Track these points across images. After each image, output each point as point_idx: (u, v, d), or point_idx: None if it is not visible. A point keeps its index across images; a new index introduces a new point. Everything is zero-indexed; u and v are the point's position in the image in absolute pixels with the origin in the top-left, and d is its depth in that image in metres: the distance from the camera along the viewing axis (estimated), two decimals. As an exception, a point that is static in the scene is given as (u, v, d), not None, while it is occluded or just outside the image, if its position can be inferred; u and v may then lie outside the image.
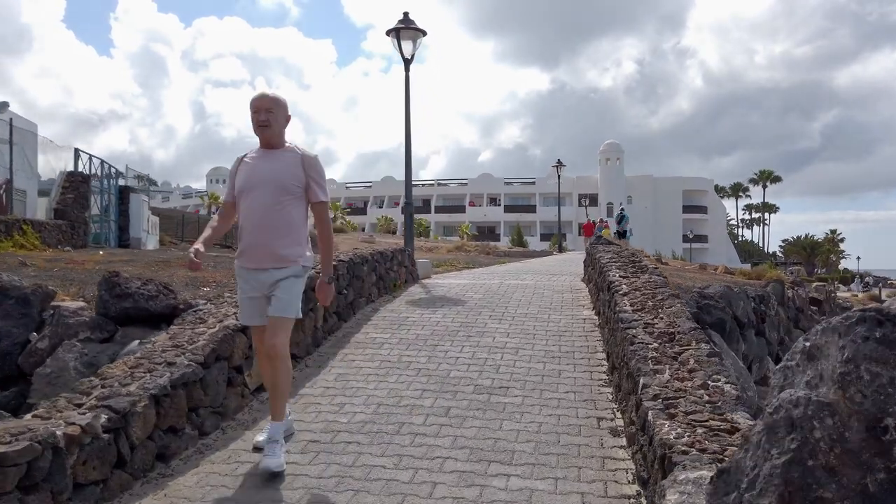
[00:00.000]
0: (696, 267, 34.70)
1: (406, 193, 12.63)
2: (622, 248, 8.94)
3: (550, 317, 7.68)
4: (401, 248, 10.21)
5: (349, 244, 38.89)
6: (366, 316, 7.72)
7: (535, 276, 12.12)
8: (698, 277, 20.23)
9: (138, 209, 28.61)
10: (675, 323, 4.60)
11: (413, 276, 10.83)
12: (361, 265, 8.01)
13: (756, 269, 29.30)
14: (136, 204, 28.63)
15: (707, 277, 22.12)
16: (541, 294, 9.26)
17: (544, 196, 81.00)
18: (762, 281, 28.47)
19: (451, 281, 11.18)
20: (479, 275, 12.84)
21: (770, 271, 28.68)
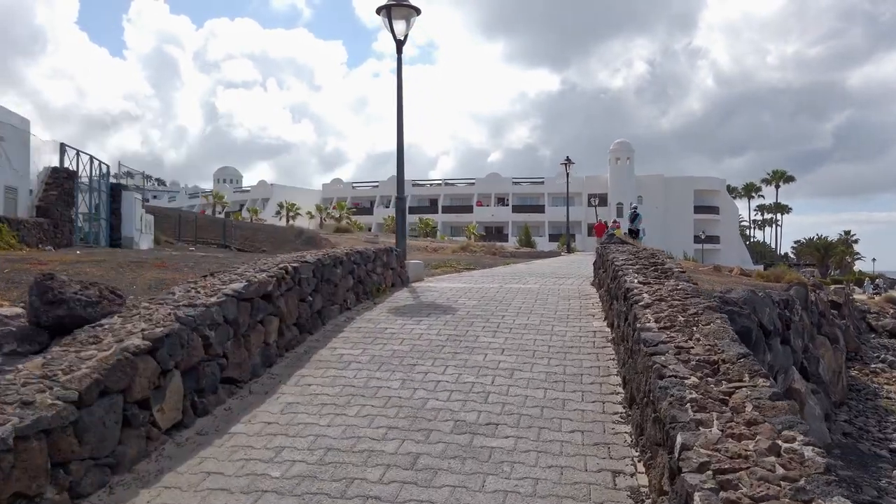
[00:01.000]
0: (711, 268, 33.35)
1: (398, 187, 11.48)
2: (639, 248, 7.76)
3: (554, 329, 6.50)
4: (386, 248, 9.07)
5: (352, 244, 37.88)
6: (337, 327, 6.57)
7: (539, 280, 10.95)
8: (716, 280, 18.99)
9: (130, 208, 27.60)
10: (716, 347, 3.42)
11: (402, 279, 9.68)
12: (333, 267, 6.86)
13: (774, 271, 27.94)
14: (129, 202, 27.62)
15: (725, 280, 20.84)
16: (544, 300, 8.09)
17: (553, 196, 79.67)
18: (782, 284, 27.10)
19: (446, 284, 10.03)
20: (478, 277, 11.67)
21: (789, 273, 27.39)
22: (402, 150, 11.46)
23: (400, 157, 11.45)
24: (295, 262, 5.96)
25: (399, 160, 11.46)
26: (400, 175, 11.46)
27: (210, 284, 4.94)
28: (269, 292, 5.25)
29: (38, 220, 19.55)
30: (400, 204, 11.45)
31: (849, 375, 18.78)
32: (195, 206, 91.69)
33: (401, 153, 11.45)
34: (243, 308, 4.82)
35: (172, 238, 34.17)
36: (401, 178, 11.47)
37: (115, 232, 27.21)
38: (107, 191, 26.89)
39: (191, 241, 34.72)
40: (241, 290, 4.82)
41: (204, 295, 4.61)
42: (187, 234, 36.14)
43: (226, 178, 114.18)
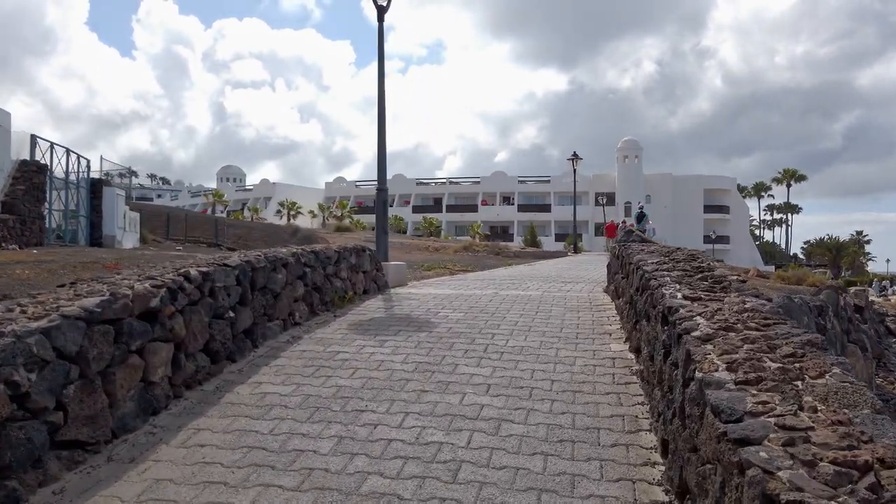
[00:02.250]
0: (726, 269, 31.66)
1: (378, 176, 9.91)
2: (670, 248, 6.18)
3: (559, 354, 4.91)
4: (356, 248, 7.49)
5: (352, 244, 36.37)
6: (273, 350, 5.00)
7: (542, 284, 9.36)
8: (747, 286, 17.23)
9: (112, 204, 26.09)
10: (853, 428, 1.84)
11: (378, 285, 8.12)
12: (272, 272, 5.27)
13: (795, 274, 26.20)
14: (110, 199, 26.10)
15: (752, 284, 19.26)
16: (547, 313, 6.50)
17: (559, 195, 78.07)
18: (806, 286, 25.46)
19: (431, 291, 8.46)
20: (472, 281, 10.10)
21: (811, 276, 25.67)
22: (383, 130, 9.90)
23: (381, 139, 9.89)
24: (205, 267, 4.38)
25: (380, 143, 9.90)
26: (381, 160, 9.89)
27: (48, 300, 3.37)
28: (153, 309, 3.68)
29: (3, 217, 18.04)
30: (381, 196, 9.88)
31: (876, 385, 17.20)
32: (197, 205, 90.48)
33: (382, 135, 9.89)
34: (98, 335, 3.25)
35: (161, 237, 32.71)
36: (382, 164, 9.90)
37: (95, 230, 25.72)
38: (86, 187, 25.40)
39: (180, 240, 33.26)
40: (95, 308, 3.24)
41: (26, 318, 3.05)
42: (177, 233, 34.68)
43: (229, 176, 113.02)
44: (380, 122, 9.86)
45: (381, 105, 9.84)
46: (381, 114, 9.84)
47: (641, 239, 7.89)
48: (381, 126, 9.86)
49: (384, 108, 9.90)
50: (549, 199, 79.52)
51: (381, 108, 9.81)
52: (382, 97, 9.90)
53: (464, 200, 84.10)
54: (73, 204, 24.84)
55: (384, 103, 9.91)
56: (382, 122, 9.87)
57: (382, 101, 9.89)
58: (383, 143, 9.88)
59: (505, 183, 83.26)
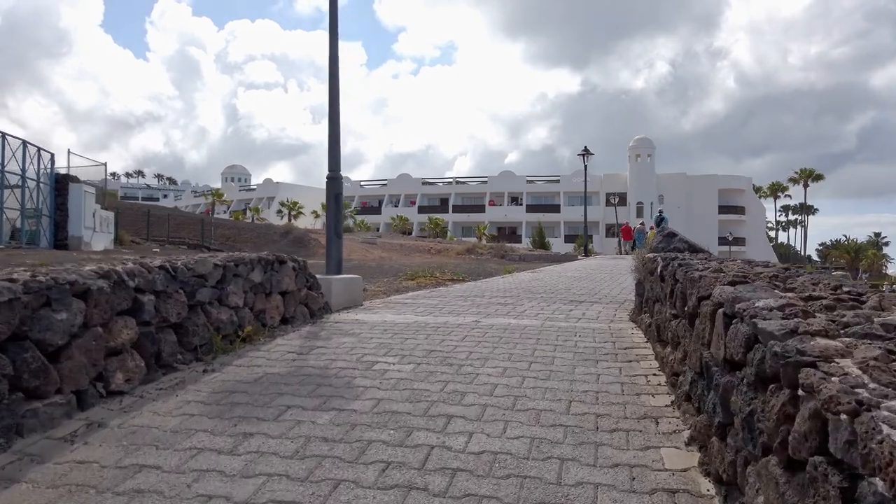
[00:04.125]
0: (750, 275, 29.09)
1: (330, 160, 7.53)
2: (743, 264, 3.80)
3: (563, 477, 2.49)
4: (269, 259, 5.05)
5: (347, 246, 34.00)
6: (17, 464, 2.61)
7: (545, 306, 6.92)
8: None
9: (79, 202, 23.84)
10: None
11: (312, 310, 5.73)
12: (44, 309, 2.87)
13: (832, 280, 23.66)
14: (77, 196, 23.85)
15: None
16: (546, 365, 4.05)
17: (569, 195, 75.56)
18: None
19: (388, 317, 6.03)
20: (454, 299, 7.68)
21: (850, 282, 23.08)
22: (336, 102, 7.53)
23: (333, 111, 7.52)
24: None
25: (332, 118, 7.52)
26: (333, 140, 7.50)
27: None
28: None
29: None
30: (331, 187, 7.50)
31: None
32: (200, 205, 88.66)
33: (335, 107, 7.52)
34: None
35: (141, 237, 30.51)
36: (334, 145, 7.51)
37: (60, 231, 23.54)
38: (50, 183, 23.22)
39: (163, 241, 31.05)
40: None
41: None
42: (160, 233, 32.49)
43: (234, 176, 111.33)
44: (331, 92, 7.49)
45: (334, 72, 7.49)
46: (332, 84, 7.48)
47: (688, 245, 5.33)
48: (332, 97, 7.49)
49: (337, 77, 7.54)
50: (559, 199, 77.02)
51: (334, 75, 7.46)
52: (335, 63, 7.55)
53: (471, 201, 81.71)
54: (38, 203, 22.68)
55: (337, 70, 7.55)
56: (335, 93, 7.50)
57: (335, 67, 7.54)
58: (336, 119, 7.50)
59: (513, 183, 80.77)
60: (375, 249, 35.98)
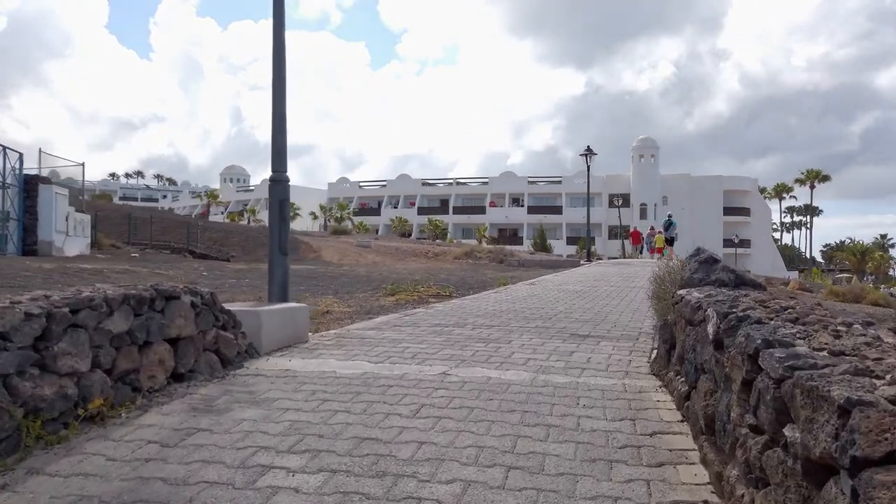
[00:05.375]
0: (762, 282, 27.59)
1: (273, 159, 6.10)
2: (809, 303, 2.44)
3: None
4: (143, 294, 3.58)
5: (330, 253, 32.46)
6: None
7: (537, 343, 5.45)
8: None
9: (50, 205, 22.40)
10: None
11: (224, 358, 4.29)
12: None
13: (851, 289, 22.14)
14: (48, 199, 22.41)
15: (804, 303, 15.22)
16: (533, 475, 2.58)
17: (571, 196, 74.04)
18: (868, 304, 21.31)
19: (330, 367, 4.56)
20: (427, 330, 6.24)
21: (872, 291, 21.55)
22: (282, 92, 6.10)
23: (278, 103, 6.09)
24: None
25: (276, 112, 6.10)
26: (277, 137, 6.07)
27: None
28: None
29: None
30: (274, 192, 6.06)
31: None
32: (197, 206, 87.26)
33: (280, 98, 6.10)
34: None
35: (121, 241, 29.09)
36: (278, 144, 6.07)
37: (29, 235, 22.14)
38: (18, 185, 21.82)
39: (144, 245, 29.63)
40: None
41: None
42: (143, 237, 31.06)
43: (232, 177, 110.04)
44: (275, 76, 6.07)
45: (279, 58, 6.07)
46: (277, 66, 6.06)
47: (735, 276, 3.85)
48: (277, 83, 6.06)
49: (283, 59, 6.12)
50: (561, 200, 75.50)
51: (278, 62, 6.04)
52: (281, 47, 6.13)
53: (471, 202, 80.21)
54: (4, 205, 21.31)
55: (283, 54, 6.13)
56: (280, 82, 6.08)
57: (281, 52, 6.12)
58: (281, 109, 6.07)
59: (514, 183, 79.23)
60: (369, 253, 34.51)
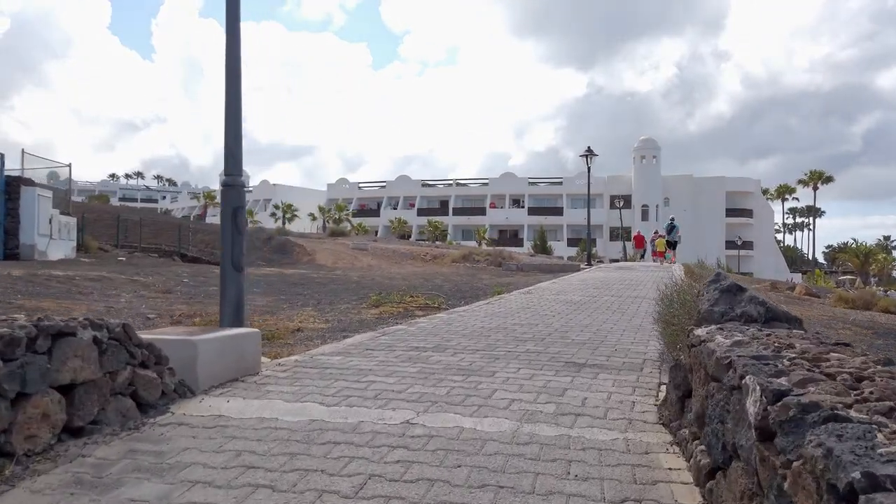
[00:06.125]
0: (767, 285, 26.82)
1: (228, 161, 5.34)
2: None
3: None
4: (14, 334, 2.87)
5: (325, 256, 31.70)
6: None
7: (524, 377, 4.68)
8: (814, 315, 12.85)
9: (33, 208, 21.67)
10: None
11: (150, 398, 3.54)
12: None
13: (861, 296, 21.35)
14: (30, 200, 21.69)
15: (818, 313, 15.22)
16: None
17: (572, 197, 73.29)
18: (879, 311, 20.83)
19: (277, 407, 3.82)
20: (402, 355, 5.49)
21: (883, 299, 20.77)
22: (236, 84, 5.36)
23: (232, 97, 5.35)
24: None
25: (230, 101, 5.36)
26: (231, 136, 5.32)
27: None
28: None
29: None
30: (227, 197, 5.30)
31: None
32: (196, 207, 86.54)
33: (234, 93, 5.36)
34: None
35: (110, 244, 28.37)
36: (232, 142, 5.33)
37: (10, 239, 21.40)
38: (0, 186, 21.12)
39: (133, 248, 28.89)
40: None
41: None
42: (134, 239, 30.34)
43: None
44: (228, 71, 5.32)
45: (232, 45, 5.33)
46: (230, 60, 5.32)
47: (766, 310, 3.20)
48: (230, 77, 5.32)
49: (238, 52, 5.38)
50: (562, 201, 74.74)
51: (233, 57, 5.30)
52: (235, 30, 5.38)
53: (471, 203, 79.46)
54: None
55: (238, 41, 5.39)
56: (234, 73, 5.34)
57: (235, 36, 5.38)
58: (236, 103, 5.32)
59: (514, 184, 78.44)
60: (365, 256, 33.74)
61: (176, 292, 12.24)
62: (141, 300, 10.21)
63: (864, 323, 13.51)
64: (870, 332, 11.91)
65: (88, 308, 8.67)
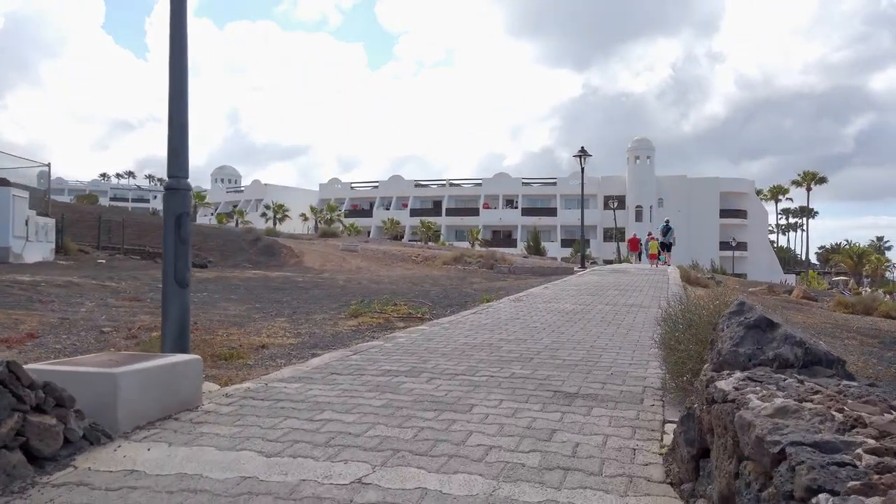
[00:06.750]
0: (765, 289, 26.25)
1: (171, 162, 4.69)
2: None
3: None
4: None
5: (313, 258, 30.97)
6: None
7: (505, 414, 4.03)
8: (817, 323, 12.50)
9: (7, 209, 20.89)
10: None
11: (46, 449, 2.89)
12: None
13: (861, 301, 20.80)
14: (4, 202, 20.91)
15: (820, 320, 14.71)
16: None
17: (566, 198, 72.73)
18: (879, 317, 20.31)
19: (205, 459, 3.15)
20: (370, 381, 4.84)
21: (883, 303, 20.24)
22: (180, 72, 4.71)
23: (176, 83, 4.70)
24: None
25: (175, 99, 4.71)
26: (177, 127, 4.67)
27: None
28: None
29: None
30: (170, 204, 4.65)
31: None
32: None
33: (178, 85, 4.71)
34: None
35: (91, 246, 27.60)
36: (177, 141, 4.68)
37: (-18, 241, 20.68)
38: (-30, 187, 20.37)
39: (115, 249, 28.12)
40: None
41: None
42: (116, 240, 29.55)
43: (223, 177, 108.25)
44: (173, 60, 4.68)
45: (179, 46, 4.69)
46: (174, 48, 4.67)
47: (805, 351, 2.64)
48: (175, 67, 4.67)
49: (183, 35, 4.73)
50: (555, 202, 74.17)
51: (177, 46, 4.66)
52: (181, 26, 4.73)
53: (465, 203, 78.83)
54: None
55: (183, 26, 4.74)
56: (179, 62, 4.69)
57: (181, 34, 4.73)
58: (179, 102, 4.67)
59: (508, 185, 77.84)
60: (354, 258, 33.03)
61: (146, 299, 11.56)
62: (104, 309, 9.53)
63: (868, 331, 12.94)
64: (876, 342, 11.33)
65: (41, 320, 7.99)
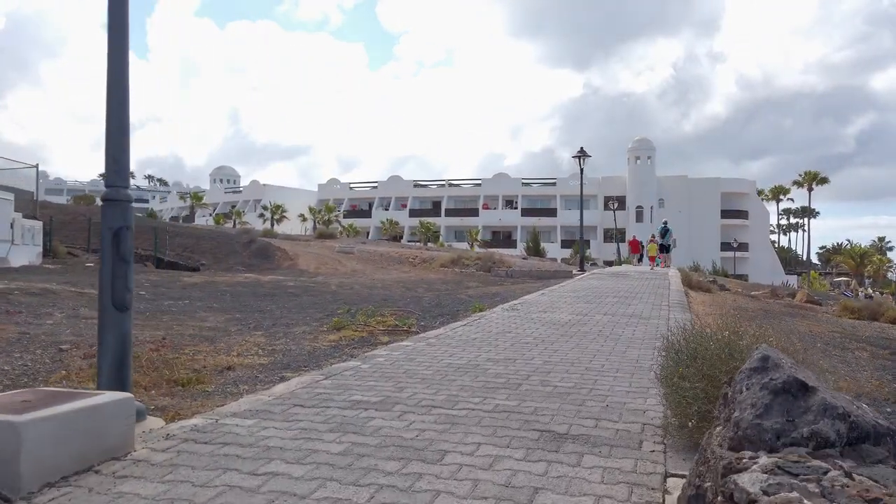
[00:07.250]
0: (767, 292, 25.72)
1: (108, 168, 4.16)
2: None
3: None
4: None
5: (308, 261, 30.41)
6: None
7: (493, 447, 3.51)
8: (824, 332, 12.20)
9: (-9, 211, 20.54)
10: None
11: None
12: None
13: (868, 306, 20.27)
14: (-11, 203, 20.56)
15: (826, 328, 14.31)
16: None
17: (566, 198, 72.17)
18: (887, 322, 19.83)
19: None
20: (334, 417, 4.29)
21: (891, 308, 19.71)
22: (121, 71, 4.18)
23: (116, 81, 4.17)
24: None
25: (113, 97, 4.18)
26: (115, 129, 4.15)
27: None
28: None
29: None
30: (111, 214, 4.12)
31: None
32: (185, 207, 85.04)
33: (118, 84, 4.18)
34: None
35: (81, 248, 27.09)
36: (117, 143, 4.16)
37: (-34, 244, 20.17)
38: (-46, 188, 19.85)
39: (106, 253, 27.45)
40: None
41: None
42: (107, 244, 28.84)
43: (222, 177, 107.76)
44: (111, 54, 4.14)
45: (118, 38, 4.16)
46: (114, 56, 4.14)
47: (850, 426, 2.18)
48: (114, 69, 4.14)
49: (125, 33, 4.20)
50: (555, 202, 73.62)
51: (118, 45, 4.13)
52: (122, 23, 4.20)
53: (464, 204, 78.26)
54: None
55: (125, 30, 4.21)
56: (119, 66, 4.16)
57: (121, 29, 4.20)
58: (120, 103, 4.14)
59: (508, 185, 77.26)
60: (350, 260, 32.46)
61: (122, 309, 11.02)
62: (72, 321, 9.00)
63: (878, 340, 12.41)
64: (888, 353, 10.80)
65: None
